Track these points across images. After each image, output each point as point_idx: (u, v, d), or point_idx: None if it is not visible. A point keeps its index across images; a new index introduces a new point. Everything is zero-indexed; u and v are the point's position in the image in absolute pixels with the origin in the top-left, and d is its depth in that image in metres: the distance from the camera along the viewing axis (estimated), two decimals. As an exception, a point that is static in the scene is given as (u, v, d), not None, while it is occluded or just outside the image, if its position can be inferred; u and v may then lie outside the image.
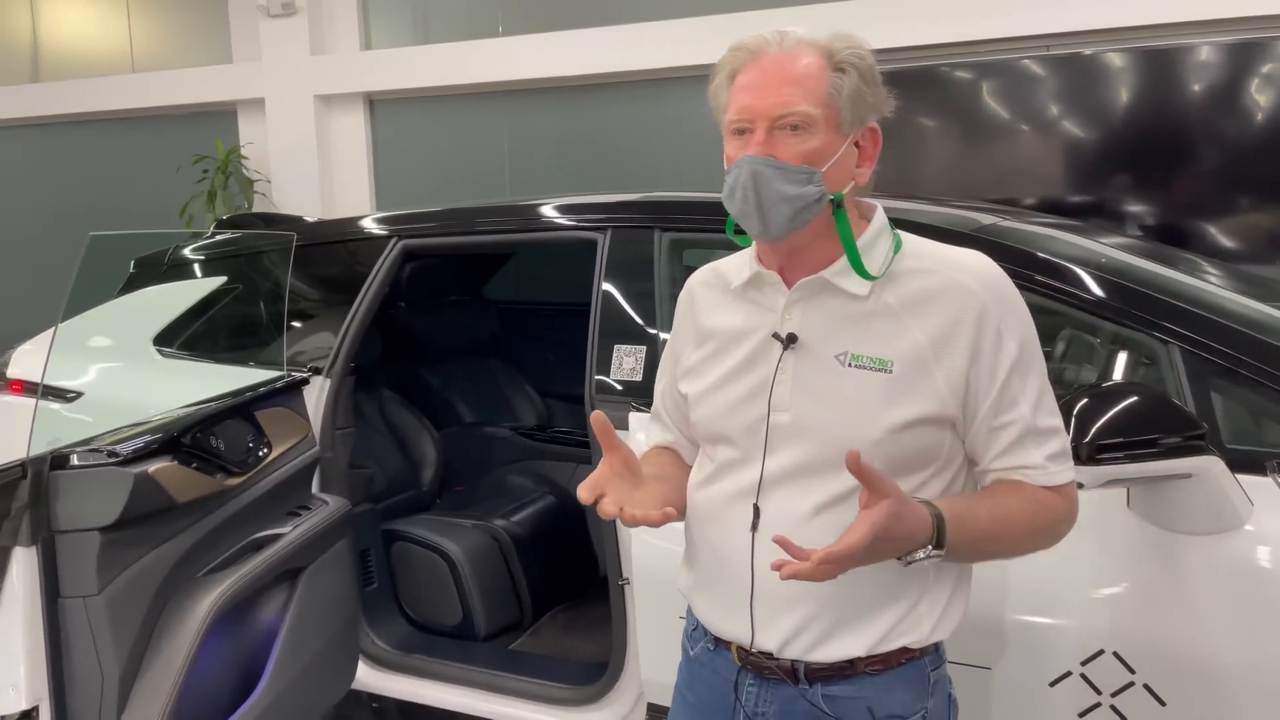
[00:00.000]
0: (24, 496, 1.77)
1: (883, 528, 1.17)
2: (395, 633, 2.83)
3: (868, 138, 1.34)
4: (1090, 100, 3.78)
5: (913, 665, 1.36)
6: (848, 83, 1.29)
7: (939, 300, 1.29)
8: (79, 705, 1.83)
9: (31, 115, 9.42)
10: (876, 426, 1.28)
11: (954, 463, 1.35)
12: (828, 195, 1.28)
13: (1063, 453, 1.34)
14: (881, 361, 1.29)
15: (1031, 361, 1.31)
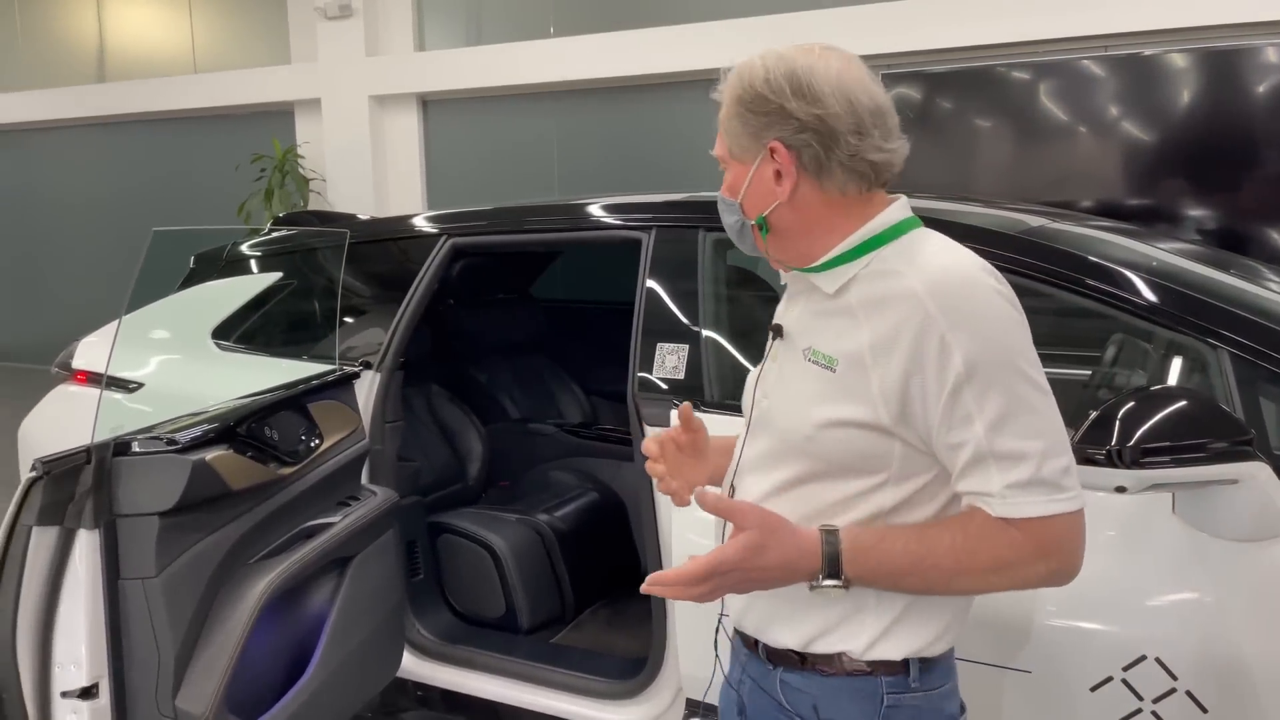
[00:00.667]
0: (88, 481, 1.84)
1: (735, 559, 1.21)
2: (440, 623, 2.88)
3: (778, 157, 1.31)
4: (1149, 102, 3.72)
5: (863, 679, 1.31)
6: (727, 113, 1.35)
7: (886, 305, 1.25)
8: (136, 683, 1.90)
9: (97, 115, 9.70)
10: (808, 421, 1.31)
11: (915, 478, 1.29)
12: (748, 220, 1.36)
13: (1033, 482, 1.19)
14: (829, 359, 1.30)
15: (994, 378, 1.20)
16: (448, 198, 8.11)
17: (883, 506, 1.30)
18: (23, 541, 1.80)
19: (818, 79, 1.26)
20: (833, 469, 1.30)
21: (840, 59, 1.30)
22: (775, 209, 1.33)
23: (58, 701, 1.84)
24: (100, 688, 1.86)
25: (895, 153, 1.30)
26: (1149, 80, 3.71)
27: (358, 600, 2.37)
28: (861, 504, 1.30)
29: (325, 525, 2.33)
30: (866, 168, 1.29)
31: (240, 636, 1.99)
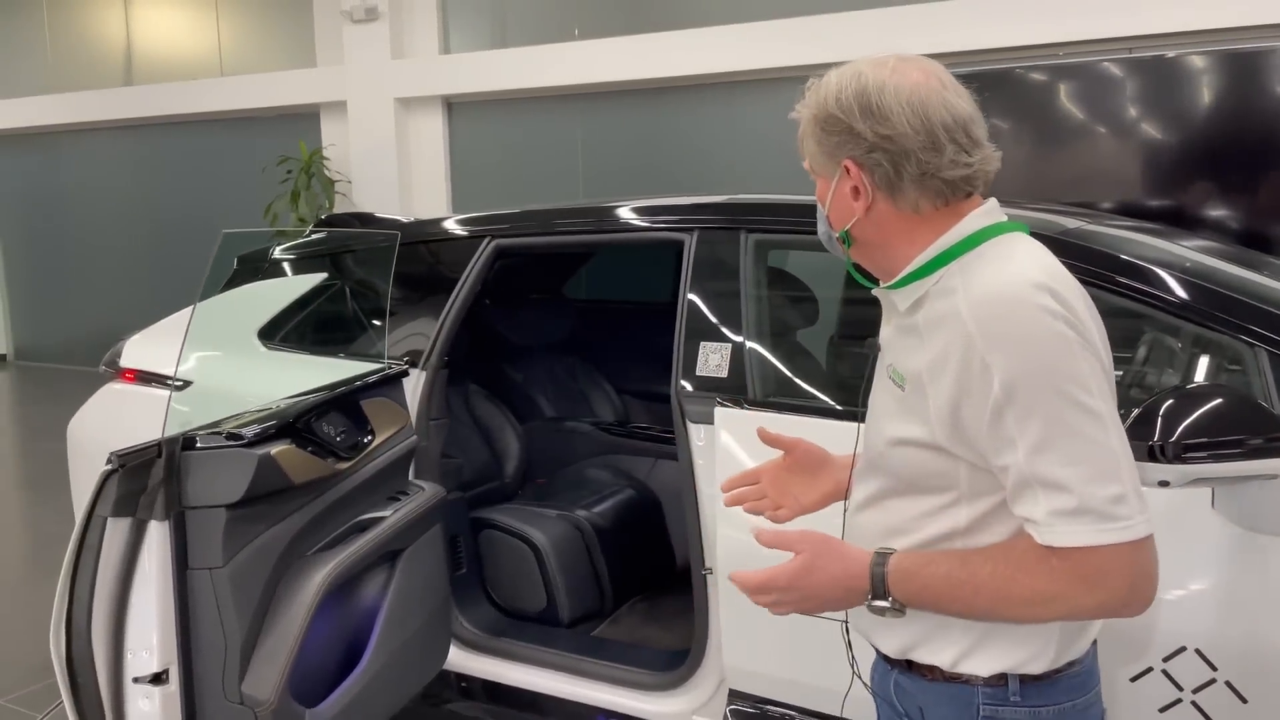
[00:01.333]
0: (159, 474, 1.91)
1: (788, 578, 1.30)
2: (482, 616, 2.94)
3: (850, 173, 1.32)
4: (1170, 103, 3.75)
5: (960, 686, 1.33)
6: (805, 131, 1.37)
7: (941, 326, 1.25)
8: (204, 669, 1.97)
9: (124, 117, 9.82)
10: (881, 438, 1.35)
11: (986, 496, 1.27)
12: (833, 233, 1.39)
13: (1079, 511, 1.15)
14: (900, 377, 1.32)
15: (1035, 401, 1.16)
16: (472, 200, 8.18)
17: (957, 524, 1.30)
18: (99, 531, 1.87)
19: (888, 97, 1.26)
20: (904, 485, 1.33)
21: (919, 72, 1.28)
22: (855, 223, 1.34)
23: (130, 687, 1.91)
24: (170, 674, 1.92)
25: (977, 164, 1.29)
26: (1170, 81, 3.74)
27: (409, 592, 2.44)
28: (937, 521, 1.31)
29: (377, 519, 2.39)
30: (940, 185, 1.28)
31: (301, 625, 2.05)
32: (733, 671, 2.35)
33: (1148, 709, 1.86)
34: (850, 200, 1.33)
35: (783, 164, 7.09)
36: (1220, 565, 1.85)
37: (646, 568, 3.32)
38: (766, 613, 2.13)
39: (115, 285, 10.23)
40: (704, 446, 2.40)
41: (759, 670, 2.32)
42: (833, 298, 3.05)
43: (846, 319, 3.02)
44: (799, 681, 2.27)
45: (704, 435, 2.41)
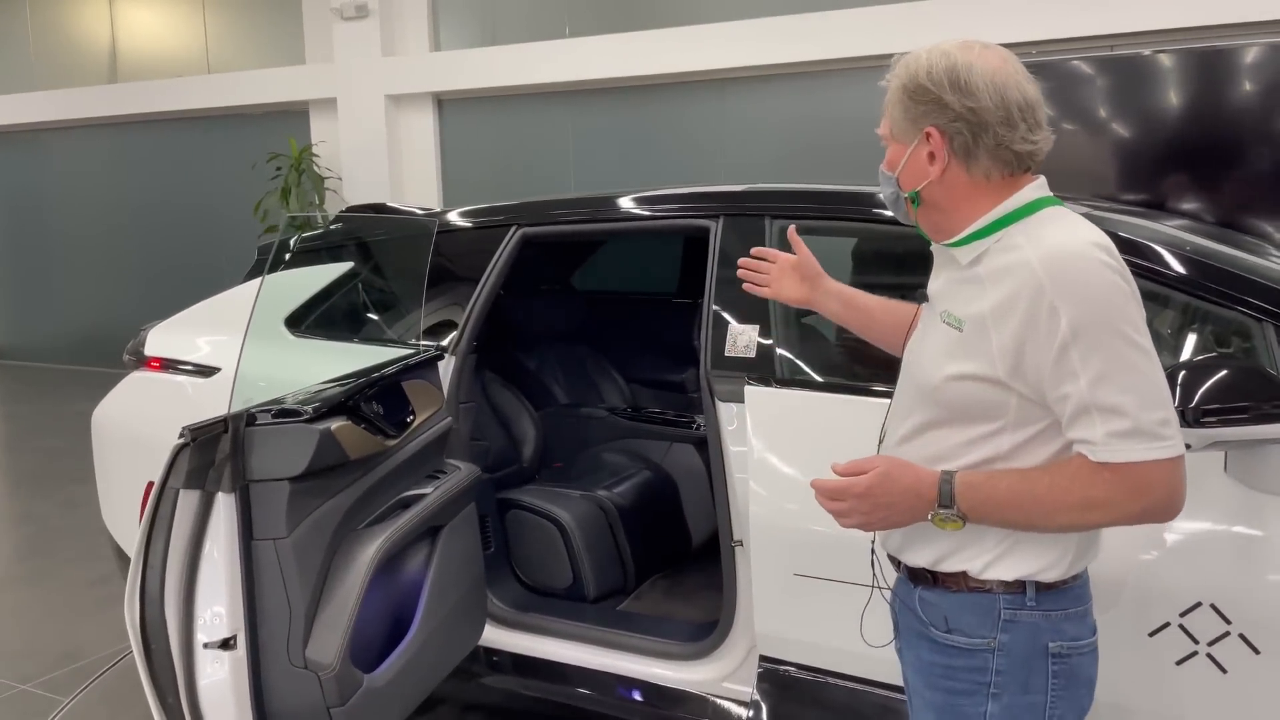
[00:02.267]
0: (225, 449, 1.99)
1: (867, 483, 1.46)
2: (510, 593, 3.02)
3: (933, 142, 1.48)
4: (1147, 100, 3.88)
5: (983, 595, 1.51)
6: (892, 99, 1.54)
7: (1007, 274, 1.42)
8: (269, 635, 2.05)
9: (109, 115, 9.78)
10: (936, 373, 1.51)
11: (1029, 425, 1.45)
12: (903, 193, 1.55)
13: (1133, 431, 1.35)
14: (958, 320, 1.49)
15: (1097, 340, 1.35)
16: (464, 197, 8.25)
17: (1000, 449, 1.47)
18: (170, 503, 1.94)
19: (975, 75, 1.43)
20: (955, 416, 1.50)
21: (998, 57, 1.46)
22: (927, 186, 1.52)
23: (200, 652, 1.98)
24: (238, 639, 2.00)
25: (1040, 143, 1.48)
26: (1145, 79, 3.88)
27: (449, 566, 2.52)
28: (981, 447, 1.48)
29: (419, 496, 2.48)
30: (1011, 156, 1.46)
31: (358, 594, 2.14)
32: (764, 638, 2.46)
33: (1165, 662, 1.98)
34: (925, 164, 1.50)
35: (773, 160, 7.24)
36: (1233, 525, 1.97)
37: (666, 546, 3.42)
38: (798, 581, 2.27)
39: (101, 284, 10.20)
40: (734, 427, 2.50)
41: (790, 636, 2.42)
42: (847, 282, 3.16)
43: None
44: (830, 646, 2.37)
45: (734, 414, 2.51)
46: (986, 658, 1.51)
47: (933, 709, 1.59)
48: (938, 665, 1.57)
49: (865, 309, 1.94)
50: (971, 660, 1.52)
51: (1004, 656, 1.51)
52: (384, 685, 2.20)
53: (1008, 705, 1.51)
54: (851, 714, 2.36)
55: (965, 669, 1.53)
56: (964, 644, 1.53)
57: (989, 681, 1.51)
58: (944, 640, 1.55)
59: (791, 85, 7.09)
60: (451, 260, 3.10)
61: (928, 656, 1.58)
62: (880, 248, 3.01)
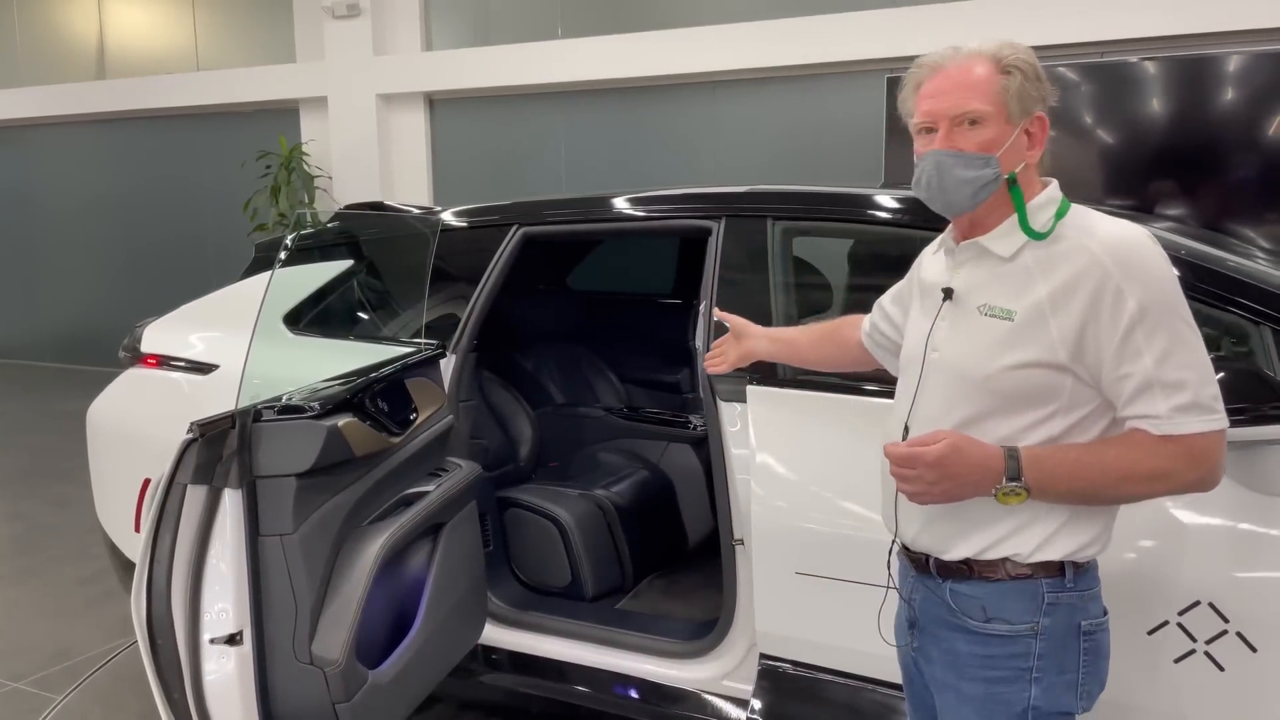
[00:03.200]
0: (233, 444, 1.99)
1: (937, 454, 1.47)
2: (509, 592, 3.03)
3: (1036, 125, 1.57)
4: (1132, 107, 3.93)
5: (1025, 582, 1.56)
6: (1014, 82, 1.55)
7: (1064, 262, 1.49)
8: (275, 631, 2.05)
9: (97, 112, 9.72)
10: (990, 364, 1.54)
11: (1080, 408, 1.52)
12: (1003, 175, 1.55)
13: (1192, 405, 1.45)
14: (1007, 311, 1.53)
15: (1161, 320, 1.45)
16: (455, 197, 8.24)
17: (1052, 434, 1.53)
18: (178, 498, 1.94)
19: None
20: (1010, 404, 1.53)
21: None
22: (1024, 169, 1.56)
23: (206, 647, 1.98)
24: (244, 635, 2.00)
25: None
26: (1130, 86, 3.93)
27: (451, 563, 2.53)
28: (1035, 433, 1.53)
29: (422, 493, 2.48)
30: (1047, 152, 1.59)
31: (363, 591, 2.14)
32: (764, 636, 2.47)
33: (1164, 660, 2.00)
34: (1024, 148, 1.56)
35: (764, 162, 7.26)
36: (1231, 524, 2.00)
37: (662, 545, 3.43)
38: (800, 579, 2.28)
39: (88, 282, 10.13)
40: (738, 428, 2.52)
41: (791, 635, 2.44)
42: (839, 284, 3.19)
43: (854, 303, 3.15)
44: (831, 644, 2.39)
45: (736, 413, 2.52)
46: (1029, 643, 1.56)
47: (972, 702, 1.61)
48: (975, 656, 1.59)
49: (789, 341, 2.13)
50: (1013, 647, 1.56)
51: (1045, 640, 1.56)
52: (388, 681, 2.21)
53: (1047, 687, 1.56)
54: (851, 712, 2.37)
55: (1006, 656, 1.57)
56: (1005, 631, 1.56)
57: (1031, 666, 1.56)
58: (983, 630, 1.58)
59: (783, 88, 7.12)
60: (453, 259, 3.11)
61: (964, 648, 1.61)
62: (877, 250, 3.03)
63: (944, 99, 1.56)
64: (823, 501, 2.36)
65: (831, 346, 2.09)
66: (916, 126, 1.62)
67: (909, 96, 1.64)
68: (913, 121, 1.63)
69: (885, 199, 2.60)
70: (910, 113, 1.64)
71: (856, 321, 2.07)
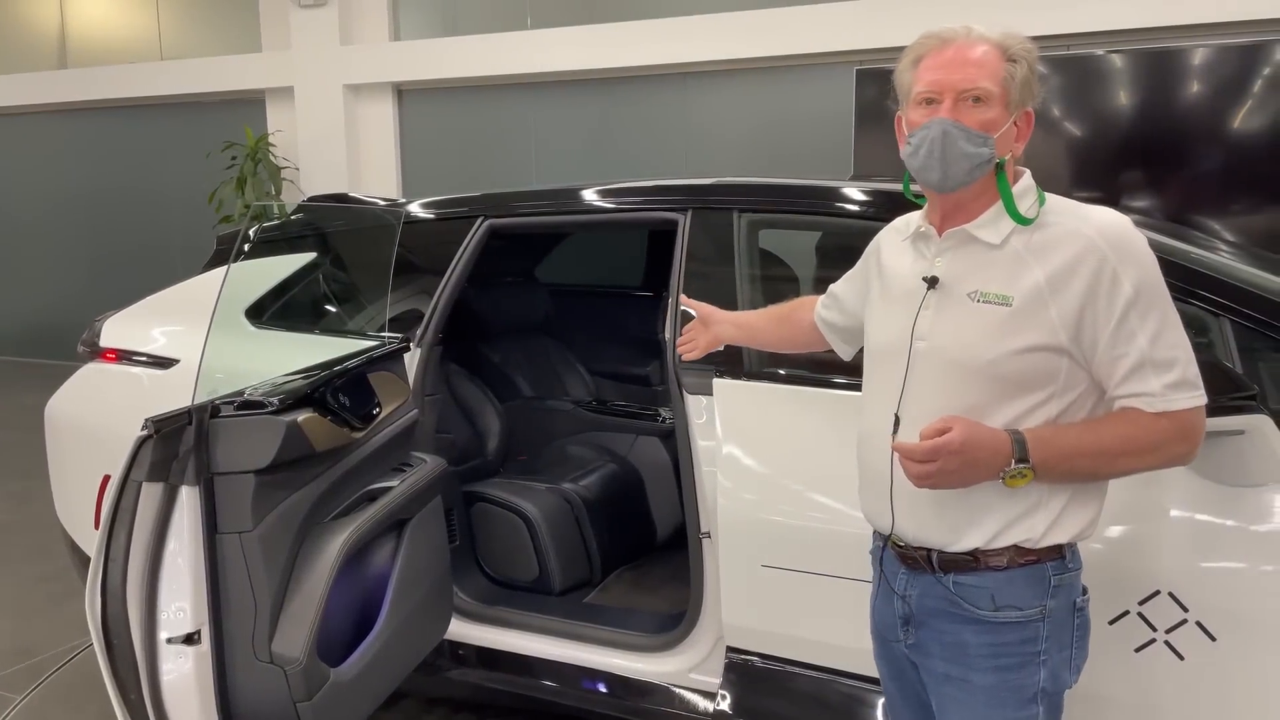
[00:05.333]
0: (189, 441, 1.95)
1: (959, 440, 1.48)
2: (476, 586, 3.01)
3: (1024, 119, 1.59)
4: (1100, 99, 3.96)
5: (1033, 567, 1.59)
6: (1019, 71, 1.57)
7: (1059, 246, 1.52)
8: (234, 630, 2.02)
9: (58, 102, 9.55)
10: (993, 350, 1.55)
11: (1074, 389, 1.55)
12: (996, 157, 1.56)
13: (1182, 382, 1.51)
14: (1004, 297, 1.54)
15: (1152, 301, 1.50)
16: (424, 188, 8.17)
17: (1049, 416, 1.55)
18: (133, 496, 1.91)
19: None
20: (1013, 388, 1.55)
21: None
22: (1009, 159, 1.59)
23: (163, 646, 1.95)
24: (202, 634, 1.97)
25: None
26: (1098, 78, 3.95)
27: (416, 559, 2.51)
28: (1032, 417, 1.55)
29: (385, 489, 2.46)
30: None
31: (325, 588, 2.11)
32: (731, 629, 2.47)
33: (1124, 649, 2.02)
34: (1012, 139, 1.58)
35: (735, 154, 7.25)
36: (1190, 515, 2.01)
37: (631, 538, 3.42)
38: (766, 572, 2.28)
39: (50, 274, 9.96)
40: (703, 420, 2.51)
41: (757, 627, 2.44)
42: (806, 276, 3.19)
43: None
44: (796, 636, 2.39)
45: (703, 406, 2.52)
46: (1038, 627, 1.59)
47: (982, 692, 1.61)
48: (986, 645, 1.60)
49: (749, 324, 2.16)
50: (1024, 632, 1.59)
51: (1051, 622, 1.60)
52: (351, 679, 2.18)
53: (1053, 668, 1.61)
54: (818, 704, 2.38)
55: (1016, 642, 1.59)
56: (1017, 618, 1.58)
57: (1040, 650, 1.60)
58: (994, 619, 1.59)
59: (753, 80, 7.12)
60: (417, 252, 3.08)
61: (973, 639, 1.61)
62: (844, 242, 3.03)
63: (954, 72, 1.55)
64: (788, 495, 2.35)
65: (788, 328, 2.11)
66: (919, 96, 1.59)
67: (907, 69, 1.63)
68: (914, 91, 1.60)
69: (852, 191, 2.60)
70: (909, 84, 1.62)
71: (811, 303, 2.09)
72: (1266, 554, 1.94)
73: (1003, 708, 1.61)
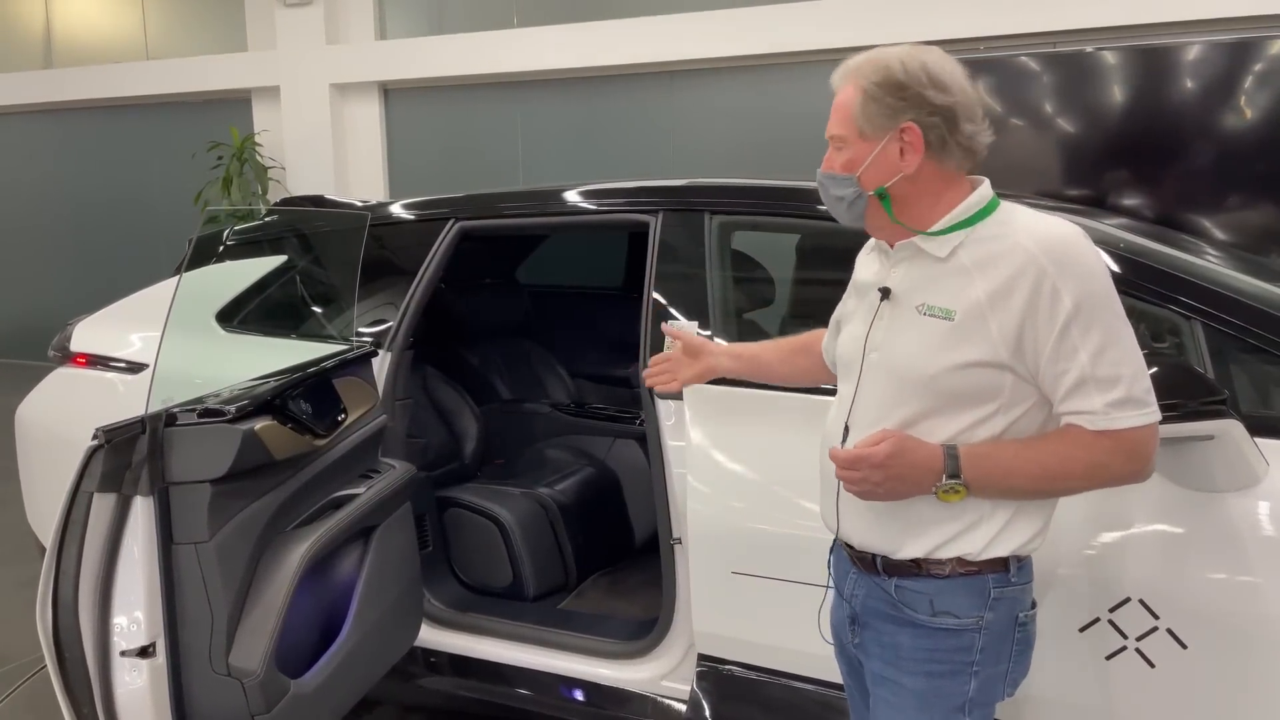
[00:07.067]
0: (143, 450, 1.92)
1: (883, 455, 1.48)
2: (449, 593, 2.98)
3: (897, 137, 1.53)
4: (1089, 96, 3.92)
5: (974, 578, 1.57)
6: (859, 101, 1.55)
7: (1001, 261, 1.49)
8: (190, 642, 1.99)
9: (44, 101, 9.50)
10: (934, 364, 1.53)
11: (1020, 404, 1.53)
12: (864, 193, 1.57)
13: (1126, 400, 1.46)
14: (947, 311, 1.52)
15: (1095, 316, 1.46)
16: (411, 187, 8.13)
17: (994, 431, 1.53)
18: (84, 507, 1.88)
19: (945, 73, 1.51)
20: (952, 403, 1.53)
21: (951, 60, 1.54)
22: (897, 181, 1.55)
23: (117, 660, 1.92)
24: (157, 646, 1.94)
25: (988, 140, 1.57)
26: (1088, 75, 3.92)
27: (383, 568, 2.47)
28: (975, 432, 1.53)
29: (351, 496, 2.43)
30: (977, 150, 1.55)
31: (285, 599, 2.08)
32: (702, 636, 2.44)
33: (1095, 657, 1.99)
34: (896, 160, 1.54)
35: (721, 152, 7.23)
36: (1161, 521, 1.99)
37: (608, 543, 3.40)
38: (736, 579, 2.25)
39: (33, 275, 9.91)
40: (673, 422, 2.48)
41: (728, 634, 2.41)
42: (784, 278, 3.16)
43: (800, 298, 3.12)
44: (768, 644, 2.36)
45: (672, 411, 2.49)
46: (973, 637, 1.58)
47: (913, 695, 1.62)
48: (920, 649, 1.60)
49: (753, 356, 2.05)
50: (958, 640, 1.58)
51: (987, 633, 1.58)
52: (312, 691, 2.15)
53: (984, 680, 1.60)
54: (791, 711, 2.35)
55: (950, 650, 1.59)
56: (953, 625, 1.58)
57: (973, 660, 1.59)
58: (930, 624, 1.59)
59: (740, 78, 7.09)
60: (389, 254, 3.04)
61: (908, 642, 1.61)
62: (821, 243, 3.00)
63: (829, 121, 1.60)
64: (759, 500, 2.33)
65: (804, 359, 2.02)
66: None
67: None
68: None
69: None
70: None
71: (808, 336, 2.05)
72: (1237, 561, 1.91)
73: (929, 712, 1.61)
